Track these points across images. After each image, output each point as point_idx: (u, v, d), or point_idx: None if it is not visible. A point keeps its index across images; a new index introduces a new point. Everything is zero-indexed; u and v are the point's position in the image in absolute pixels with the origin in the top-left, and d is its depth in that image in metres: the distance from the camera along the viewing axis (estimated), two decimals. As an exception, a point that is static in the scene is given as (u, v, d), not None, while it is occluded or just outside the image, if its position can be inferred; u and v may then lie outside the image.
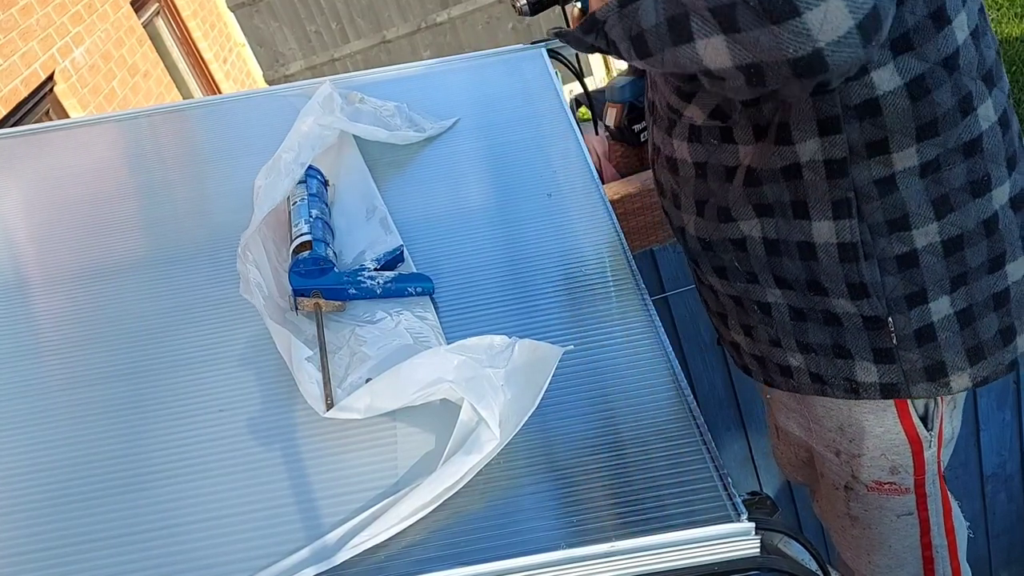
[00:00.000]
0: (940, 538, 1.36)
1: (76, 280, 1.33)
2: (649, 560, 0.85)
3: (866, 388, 1.18)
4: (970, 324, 1.12)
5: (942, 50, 0.99)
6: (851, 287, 1.10)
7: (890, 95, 0.99)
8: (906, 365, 1.14)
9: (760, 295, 1.20)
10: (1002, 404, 2.43)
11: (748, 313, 1.24)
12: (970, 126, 1.03)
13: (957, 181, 1.05)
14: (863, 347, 1.15)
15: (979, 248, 1.08)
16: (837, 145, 1.02)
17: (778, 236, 1.12)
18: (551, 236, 1.30)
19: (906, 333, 1.12)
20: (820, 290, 1.13)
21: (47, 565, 0.90)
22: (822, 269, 1.11)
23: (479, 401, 0.93)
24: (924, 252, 1.07)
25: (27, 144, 1.72)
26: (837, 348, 1.17)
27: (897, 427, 1.22)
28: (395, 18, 6.72)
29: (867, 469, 1.27)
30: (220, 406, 1.07)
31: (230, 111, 1.79)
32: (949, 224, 1.06)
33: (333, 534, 0.89)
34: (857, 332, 1.14)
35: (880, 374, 1.16)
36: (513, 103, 1.65)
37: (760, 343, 1.26)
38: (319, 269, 1.19)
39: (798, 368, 1.23)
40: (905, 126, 1.01)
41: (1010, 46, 5.05)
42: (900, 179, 1.04)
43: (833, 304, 1.13)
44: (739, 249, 1.17)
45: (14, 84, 3.81)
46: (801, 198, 1.08)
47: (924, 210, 1.05)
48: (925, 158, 1.03)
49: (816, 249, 1.10)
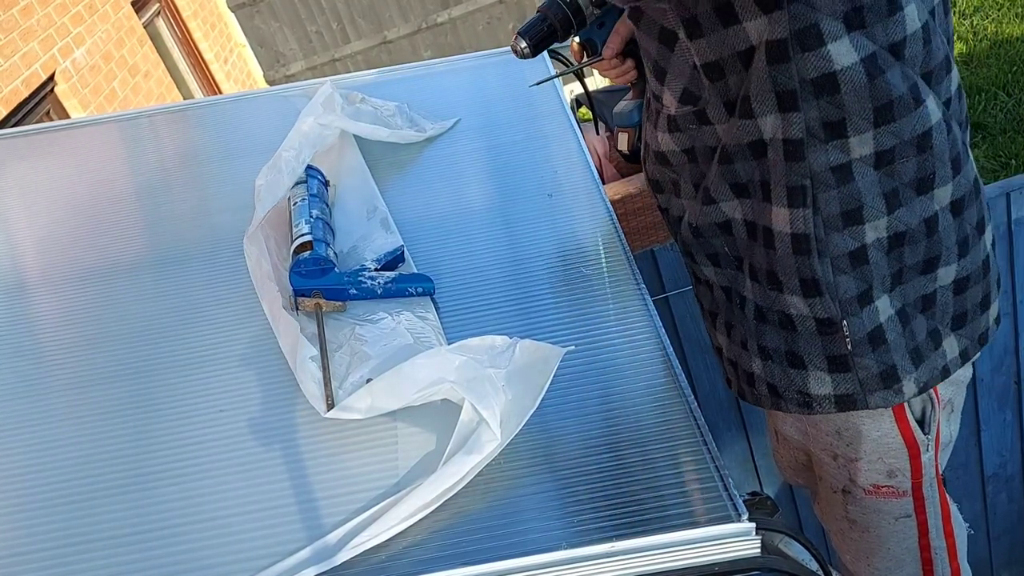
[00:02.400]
0: (939, 540, 1.36)
1: (76, 280, 1.33)
2: (650, 560, 0.85)
3: (819, 401, 1.17)
4: (907, 324, 1.11)
5: (891, 35, 0.98)
6: (803, 283, 1.09)
7: (848, 70, 0.98)
8: (861, 373, 1.13)
9: (741, 287, 1.18)
10: (1003, 405, 2.43)
11: (732, 308, 1.23)
12: (922, 117, 1.02)
13: (907, 176, 1.04)
14: (817, 355, 1.13)
15: (918, 247, 1.07)
16: (795, 124, 1.01)
17: (754, 218, 1.11)
18: (552, 236, 1.30)
19: (860, 337, 1.11)
20: (776, 284, 1.11)
21: (48, 565, 0.91)
22: (778, 259, 1.09)
23: (480, 401, 0.93)
24: (872, 247, 1.06)
25: (28, 144, 1.72)
26: (791, 355, 1.16)
27: (894, 431, 1.22)
28: (396, 18, 6.72)
29: (864, 473, 1.27)
30: (221, 406, 1.07)
31: (231, 111, 1.79)
32: (896, 220, 1.05)
33: (334, 534, 0.89)
34: (811, 337, 1.13)
35: (835, 385, 1.14)
36: (514, 103, 1.65)
37: (735, 344, 1.25)
38: (320, 269, 1.19)
39: (759, 377, 1.22)
40: (863, 107, 0.99)
41: (1010, 46, 5.05)
42: (856, 167, 1.02)
43: (788, 303, 1.12)
44: (726, 233, 1.16)
45: (15, 84, 3.81)
46: (765, 179, 1.06)
47: (877, 203, 1.04)
48: (881, 147, 1.02)
49: (774, 237, 1.08)
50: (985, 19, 5.41)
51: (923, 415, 1.22)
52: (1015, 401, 2.43)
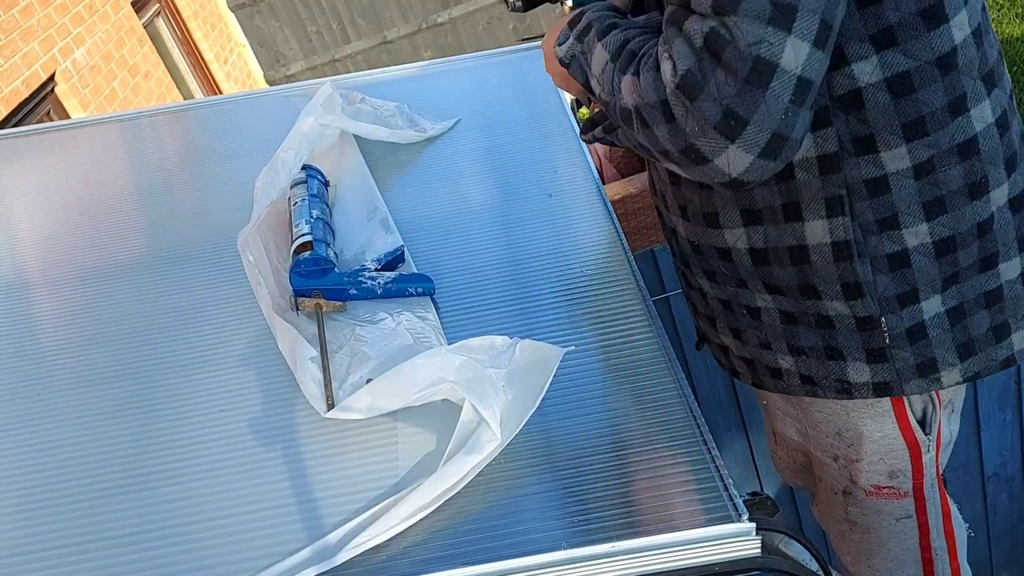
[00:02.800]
0: (939, 540, 1.36)
1: (77, 280, 1.33)
2: (650, 560, 0.85)
3: (859, 388, 1.18)
4: (960, 321, 1.12)
5: (936, 48, 0.98)
6: (845, 287, 1.10)
7: (871, 88, 0.99)
8: (898, 363, 1.14)
9: (749, 300, 1.19)
10: (1003, 405, 2.43)
11: (737, 317, 1.23)
12: (963, 127, 1.02)
13: (954, 183, 1.04)
14: (856, 348, 1.15)
15: (971, 249, 1.08)
16: (828, 139, 1.02)
17: (766, 245, 1.12)
18: (552, 236, 1.30)
19: (898, 332, 1.12)
20: (813, 294, 1.13)
21: (49, 565, 0.91)
22: (815, 271, 1.10)
23: (480, 401, 0.93)
24: (915, 252, 1.07)
25: (28, 144, 1.72)
26: (829, 350, 1.17)
27: (895, 431, 1.22)
28: (396, 18, 6.72)
29: (865, 474, 1.27)
30: (221, 406, 1.07)
31: (231, 112, 1.79)
32: (939, 226, 1.06)
33: (334, 534, 0.89)
34: (850, 333, 1.14)
35: (873, 373, 1.16)
36: (514, 103, 1.65)
37: (749, 346, 1.25)
38: (320, 269, 1.19)
39: (788, 370, 1.23)
40: (889, 123, 1.01)
41: (1011, 46, 5.05)
42: (893, 180, 1.04)
43: (826, 307, 1.13)
44: (724, 259, 1.17)
45: (15, 85, 3.81)
46: (794, 199, 1.07)
47: (914, 210, 1.05)
48: (918, 159, 1.02)
49: (809, 251, 1.09)
50: (985, 19, 5.41)
51: (924, 415, 1.22)
52: (1015, 401, 2.43)
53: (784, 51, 0.86)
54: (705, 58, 0.87)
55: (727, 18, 0.85)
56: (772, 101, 0.87)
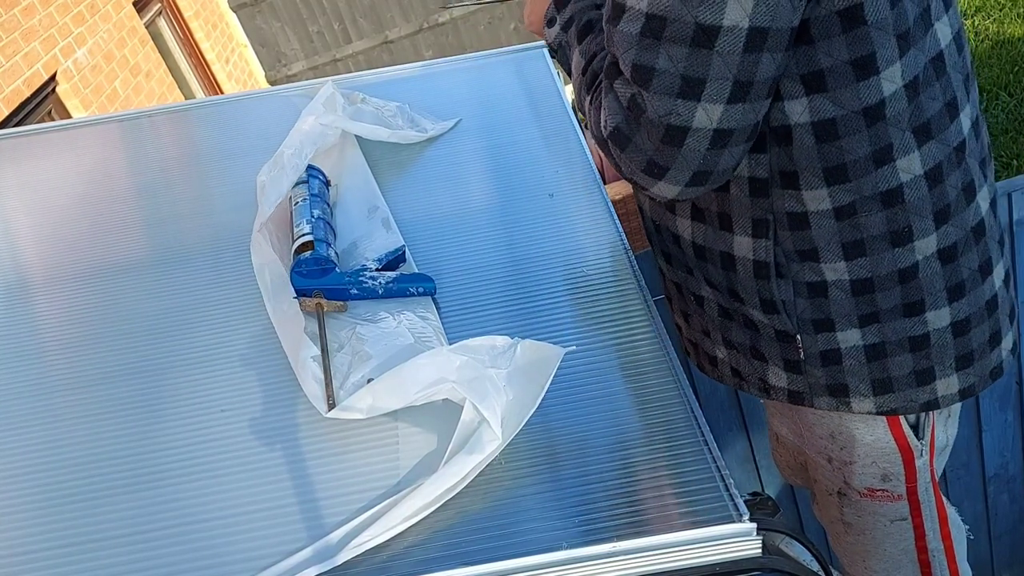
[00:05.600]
0: (936, 542, 1.35)
1: (78, 280, 1.33)
2: (651, 560, 0.85)
3: (776, 391, 1.22)
4: (879, 359, 1.12)
5: (864, 98, 0.97)
6: (763, 302, 1.13)
7: (799, 127, 1.00)
8: (811, 379, 1.16)
9: (696, 288, 1.24)
10: (1004, 405, 2.43)
11: (686, 301, 1.28)
12: (887, 176, 1.02)
13: (875, 229, 1.04)
14: (775, 354, 1.18)
15: (891, 293, 1.08)
16: (762, 165, 1.04)
17: (705, 243, 1.15)
18: (553, 236, 1.30)
19: (812, 352, 1.14)
20: (738, 298, 1.16)
21: (49, 565, 0.91)
22: (739, 280, 1.14)
23: (481, 401, 0.93)
24: (832, 286, 1.08)
25: (30, 144, 1.72)
26: (754, 350, 1.20)
27: (887, 436, 1.22)
28: (397, 18, 6.72)
29: (859, 476, 1.27)
30: (222, 406, 1.07)
31: (232, 111, 1.79)
32: (857, 267, 1.07)
33: (335, 534, 0.89)
34: (770, 340, 1.17)
35: (788, 381, 1.19)
36: (515, 103, 1.65)
37: (694, 330, 1.31)
38: (321, 269, 1.19)
39: (722, 360, 1.27)
40: (812, 165, 1.01)
41: (1012, 46, 5.05)
42: (813, 218, 1.05)
43: (750, 312, 1.16)
44: (675, 244, 1.22)
45: (16, 84, 3.82)
46: (726, 211, 1.10)
47: (833, 249, 1.06)
48: (838, 202, 1.03)
49: (736, 261, 1.12)
50: (987, 19, 5.40)
51: (917, 420, 1.22)
52: (1016, 402, 2.43)
53: (695, 116, 0.91)
54: (631, 118, 0.95)
55: (642, 91, 0.92)
56: (688, 153, 0.94)
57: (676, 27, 0.87)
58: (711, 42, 0.87)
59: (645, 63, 0.90)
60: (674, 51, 0.88)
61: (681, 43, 0.87)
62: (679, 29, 0.87)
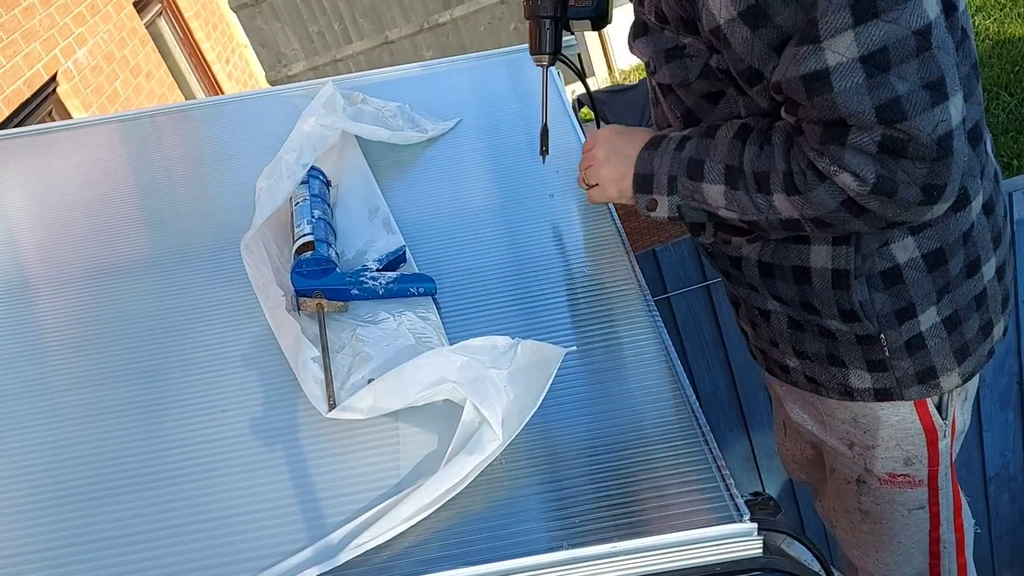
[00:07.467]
0: (949, 533, 1.37)
1: (79, 280, 1.33)
2: (652, 560, 0.85)
3: (860, 393, 1.22)
4: (956, 327, 1.16)
5: None
6: (842, 312, 1.13)
7: None
8: (898, 372, 1.18)
9: (761, 303, 1.23)
10: (1005, 405, 2.43)
11: (751, 312, 1.28)
12: None
13: None
14: (856, 358, 1.18)
15: (958, 258, 1.11)
16: None
17: (773, 260, 1.15)
18: (553, 236, 1.30)
19: (897, 345, 1.15)
20: (814, 311, 1.16)
21: (49, 565, 0.91)
22: (814, 293, 1.14)
23: (482, 402, 0.93)
24: (907, 267, 1.10)
25: (30, 145, 1.72)
26: (832, 357, 1.20)
27: (913, 416, 1.23)
28: (398, 19, 6.72)
29: (881, 461, 1.28)
30: (223, 406, 1.07)
31: (233, 112, 1.79)
32: (926, 239, 1.09)
33: (336, 534, 0.89)
34: (851, 346, 1.17)
35: (874, 380, 1.19)
36: (515, 103, 1.65)
37: (761, 339, 1.30)
38: (321, 270, 1.19)
39: (795, 369, 1.26)
40: None
41: (1012, 46, 5.05)
42: None
43: (826, 323, 1.16)
44: (735, 267, 1.21)
45: (17, 85, 3.82)
46: None
47: (901, 227, 1.07)
48: None
49: (811, 273, 1.12)
50: (987, 19, 5.40)
51: (940, 400, 1.24)
52: (1017, 401, 2.43)
53: (951, 115, 0.92)
54: (886, 159, 0.93)
55: (900, 124, 0.91)
56: (958, 156, 0.94)
57: (899, 48, 0.89)
58: (928, 42, 0.89)
59: (887, 98, 0.90)
60: (905, 70, 0.89)
61: (908, 59, 0.89)
62: (902, 48, 0.89)
